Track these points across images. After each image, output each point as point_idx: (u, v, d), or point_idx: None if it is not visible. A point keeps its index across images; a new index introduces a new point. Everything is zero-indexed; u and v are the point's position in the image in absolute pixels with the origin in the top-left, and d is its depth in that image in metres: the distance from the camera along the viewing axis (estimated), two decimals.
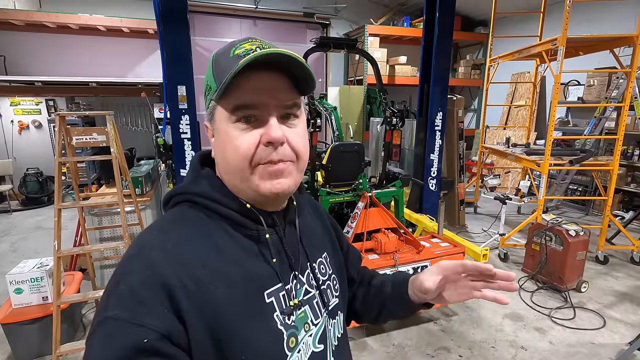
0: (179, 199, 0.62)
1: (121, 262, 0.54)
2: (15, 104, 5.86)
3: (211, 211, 0.59)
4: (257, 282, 0.58)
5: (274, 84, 0.56)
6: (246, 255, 0.58)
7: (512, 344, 2.57)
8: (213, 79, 0.57)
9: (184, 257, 0.53)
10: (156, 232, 0.57)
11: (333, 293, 0.72)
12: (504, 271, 0.65)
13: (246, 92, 0.55)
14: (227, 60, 0.56)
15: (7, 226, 4.96)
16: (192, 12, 6.43)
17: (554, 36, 3.43)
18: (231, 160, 0.57)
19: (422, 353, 2.47)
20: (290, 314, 0.60)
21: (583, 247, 3.16)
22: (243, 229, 0.60)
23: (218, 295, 0.52)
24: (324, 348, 0.66)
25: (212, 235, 0.57)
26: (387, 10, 7.31)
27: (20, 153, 5.98)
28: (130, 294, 0.48)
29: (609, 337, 2.64)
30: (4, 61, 5.46)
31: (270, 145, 0.55)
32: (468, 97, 8.12)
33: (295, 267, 0.64)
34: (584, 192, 5.57)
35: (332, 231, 0.82)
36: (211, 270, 0.53)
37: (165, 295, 0.48)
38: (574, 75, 5.13)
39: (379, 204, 2.74)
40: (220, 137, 0.58)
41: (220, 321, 0.51)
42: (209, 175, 0.63)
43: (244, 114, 0.56)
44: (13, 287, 2.36)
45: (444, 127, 4.38)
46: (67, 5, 5.54)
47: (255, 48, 0.56)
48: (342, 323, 0.75)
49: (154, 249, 0.53)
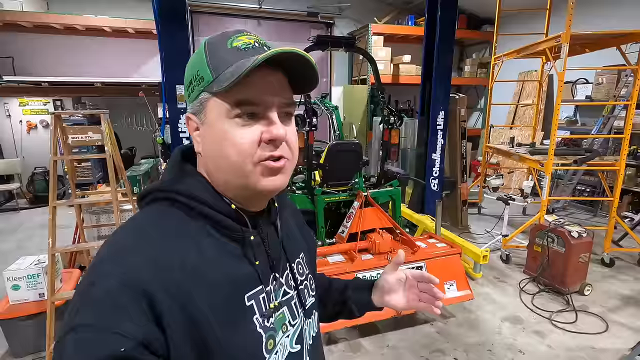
0: (157, 196, 0.59)
1: (95, 263, 0.50)
2: (24, 104, 5.98)
3: (194, 211, 0.57)
4: (238, 285, 0.57)
5: (277, 81, 0.56)
6: (228, 258, 0.57)
7: (509, 348, 2.51)
8: (208, 69, 0.55)
9: (164, 260, 0.50)
10: (132, 232, 0.55)
11: (310, 292, 0.73)
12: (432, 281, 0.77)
13: (251, 88, 0.53)
14: (224, 51, 0.55)
15: (14, 224, 5.06)
16: (196, 12, 6.49)
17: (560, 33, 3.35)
18: (229, 156, 0.55)
19: (417, 355, 2.43)
20: (270, 316, 0.60)
21: (586, 248, 3.08)
22: (227, 230, 0.58)
23: (198, 300, 0.50)
24: (301, 348, 0.66)
25: (193, 237, 0.55)
26: (391, 9, 7.26)
27: (29, 152, 6.10)
28: (106, 298, 0.45)
29: (610, 342, 2.56)
30: (13, 62, 5.59)
31: (271, 143, 0.55)
32: (474, 96, 8.01)
33: (276, 269, 0.64)
34: (592, 193, 5.44)
35: (307, 232, 0.83)
36: (192, 273, 0.51)
37: (144, 301, 0.46)
38: (578, 73, 5.01)
39: (374, 204, 2.71)
40: (215, 132, 0.56)
41: (200, 326, 0.50)
42: (193, 172, 0.61)
43: (247, 110, 0.54)
44: (10, 284, 2.40)
45: (446, 127, 4.33)
46: (73, 7, 5.63)
47: (253, 42, 0.56)
48: (317, 322, 0.76)
49: (132, 250, 0.51)
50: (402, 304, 0.80)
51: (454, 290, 2.57)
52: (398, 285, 0.80)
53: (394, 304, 0.80)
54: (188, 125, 0.61)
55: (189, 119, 0.60)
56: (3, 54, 5.54)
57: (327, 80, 7.59)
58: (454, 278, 2.58)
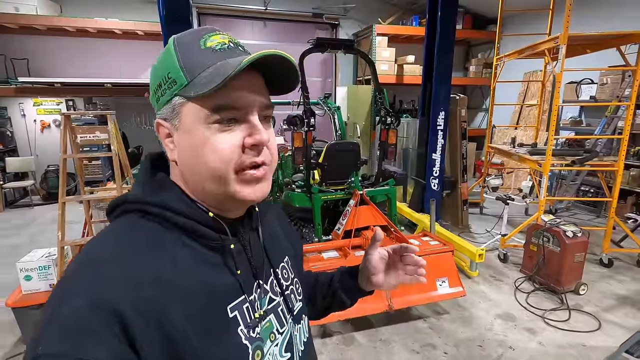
0: (127, 208, 0.55)
1: (62, 282, 0.47)
2: (38, 104, 6.20)
3: (168, 222, 0.54)
4: (219, 296, 0.54)
5: (257, 84, 0.54)
6: (207, 269, 0.54)
7: (500, 344, 2.57)
8: (180, 71, 0.51)
9: (137, 276, 0.47)
10: (102, 247, 0.51)
11: (297, 297, 0.71)
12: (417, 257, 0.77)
13: (231, 92, 0.51)
14: (198, 52, 0.52)
15: (28, 219, 5.27)
16: (203, 14, 6.63)
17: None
18: (209, 164, 0.52)
19: (408, 349, 2.50)
20: (255, 326, 0.58)
21: (581, 248, 3.10)
22: (204, 240, 0.55)
23: (175, 315, 0.48)
24: (291, 356, 0.64)
25: (168, 249, 0.52)
26: (396, 9, 7.30)
27: (42, 150, 6.32)
28: (75, 322, 0.42)
29: (602, 340, 2.59)
30: (28, 64, 5.80)
31: (254, 148, 0.53)
32: (480, 96, 8.01)
33: (259, 276, 0.61)
34: (597, 194, 5.41)
35: (291, 235, 0.81)
36: (168, 287, 0.49)
37: (117, 323, 0.43)
38: (581, 74, 5.01)
39: (369, 202, 2.78)
40: (193, 138, 0.53)
41: (178, 343, 0.47)
42: (164, 181, 0.58)
43: (228, 115, 0.52)
44: (23, 274, 2.54)
45: (446, 127, 4.37)
46: (86, 10, 5.82)
47: (228, 42, 0.54)
48: (307, 327, 0.73)
49: (102, 267, 0.47)
50: (389, 281, 0.79)
51: (446, 287, 2.63)
52: (382, 264, 0.79)
53: (381, 283, 0.79)
54: (158, 132, 0.57)
55: (159, 125, 0.56)
56: (19, 56, 5.76)
57: (331, 81, 7.67)
58: (446, 275, 2.65)
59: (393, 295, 2.51)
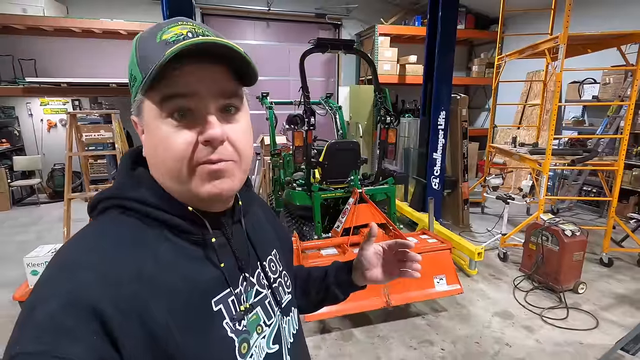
0: (107, 205, 0.55)
1: (37, 284, 0.46)
2: (45, 104, 6.30)
3: (149, 218, 0.53)
4: (202, 290, 0.54)
5: (209, 73, 0.51)
6: (190, 263, 0.54)
7: (497, 341, 2.59)
8: (137, 67, 0.51)
9: (117, 273, 0.47)
10: (82, 245, 0.50)
11: (285, 290, 0.71)
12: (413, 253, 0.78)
13: (177, 81, 0.49)
14: (153, 46, 0.50)
15: (34, 217, 5.36)
16: (207, 15, 6.70)
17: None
18: (165, 162, 0.52)
19: (405, 345, 2.54)
20: (241, 319, 0.58)
21: (580, 247, 3.11)
22: (186, 234, 0.55)
23: (158, 310, 0.47)
24: (279, 348, 0.64)
25: (149, 244, 0.52)
26: (398, 9, 7.32)
27: (49, 149, 6.42)
28: (50, 323, 0.41)
29: (599, 338, 2.61)
30: (35, 64, 5.90)
31: (208, 144, 0.51)
32: (482, 96, 8.00)
33: (244, 269, 0.61)
34: (599, 194, 5.40)
35: (279, 228, 0.81)
36: (149, 283, 0.48)
37: (96, 322, 0.42)
38: (582, 73, 5.00)
39: (368, 200, 2.82)
40: (151, 135, 0.52)
41: (162, 339, 0.47)
42: (143, 176, 0.56)
43: (176, 105, 0.50)
44: (30, 269, 2.61)
45: (447, 126, 4.39)
46: (92, 12, 5.91)
47: (186, 33, 0.50)
48: (296, 319, 0.74)
49: (80, 266, 0.46)
50: (382, 276, 0.80)
51: (444, 284, 2.66)
52: (377, 259, 0.80)
53: (375, 278, 0.80)
54: (137, 129, 0.56)
55: (134, 123, 0.56)
56: (26, 57, 5.86)
57: (334, 81, 7.71)
58: (444, 272, 2.68)
59: (391, 292, 2.55)
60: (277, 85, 7.12)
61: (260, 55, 7.12)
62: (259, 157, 6.40)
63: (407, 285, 2.59)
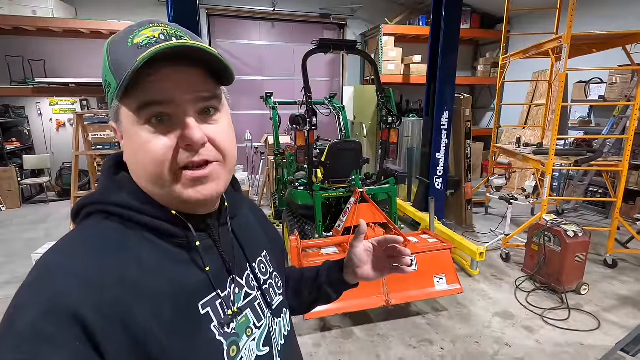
0: (90, 210, 0.54)
1: (19, 290, 0.45)
2: (54, 104, 6.41)
3: (131, 222, 0.53)
4: (188, 293, 0.53)
5: (185, 76, 0.50)
6: (175, 266, 0.54)
7: (497, 341, 2.59)
8: (111, 73, 0.50)
9: (100, 279, 0.46)
10: (63, 251, 0.50)
11: (276, 291, 0.70)
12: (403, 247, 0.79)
13: (153, 87, 0.48)
14: (124, 51, 0.50)
15: (43, 215, 5.47)
16: (212, 16, 6.76)
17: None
18: (146, 167, 0.51)
19: (405, 344, 2.55)
20: (230, 322, 0.57)
21: (582, 248, 3.10)
22: (170, 238, 0.54)
23: (141, 314, 0.47)
24: (270, 350, 0.64)
25: (132, 248, 0.51)
26: (403, 9, 7.31)
27: (58, 148, 6.53)
28: (31, 332, 0.41)
29: (600, 339, 2.60)
30: (44, 65, 6.01)
31: (189, 148, 0.51)
32: (488, 95, 7.96)
33: (232, 271, 0.61)
34: (605, 194, 5.34)
35: (269, 229, 0.81)
36: (132, 286, 0.48)
37: (77, 326, 0.42)
38: (587, 73, 4.96)
39: (369, 200, 2.84)
40: (130, 141, 0.52)
41: (146, 343, 0.46)
42: (125, 180, 0.56)
43: (153, 112, 0.49)
44: None
45: (450, 127, 4.39)
46: (100, 13, 6.01)
47: (158, 35, 0.50)
48: (288, 320, 0.73)
49: (62, 273, 0.46)
50: (374, 273, 0.80)
51: (444, 283, 2.67)
52: (367, 256, 0.80)
53: (366, 275, 0.80)
54: (116, 135, 0.56)
55: (113, 129, 0.56)
56: (36, 57, 5.98)
57: (339, 80, 7.72)
58: (444, 272, 2.68)
59: (390, 290, 2.57)
60: (282, 86, 7.16)
61: (266, 55, 7.17)
62: (263, 157, 6.45)
63: (406, 284, 2.61)
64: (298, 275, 0.90)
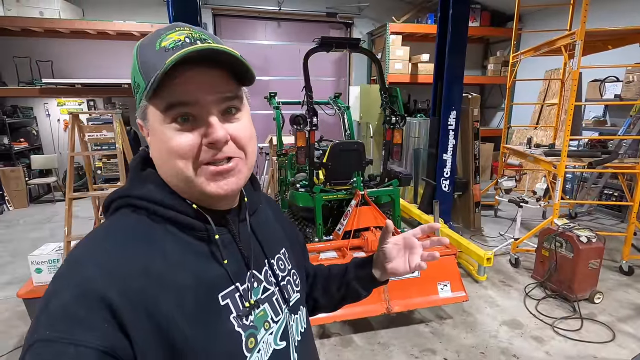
0: (119, 204, 0.58)
1: (51, 281, 0.50)
2: (61, 104, 6.47)
3: (156, 215, 0.56)
4: (209, 285, 0.56)
5: (209, 78, 0.53)
6: (196, 259, 0.56)
7: (504, 352, 2.47)
8: (140, 75, 0.54)
9: (124, 269, 0.50)
10: (92, 243, 0.54)
11: (294, 288, 0.72)
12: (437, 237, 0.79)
13: (178, 89, 0.52)
14: (152, 53, 0.53)
15: (49, 215, 5.51)
16: (218, 16, 6.74)
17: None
18: (171, 163, 0.54)
19: (407, 353, 2.45)
20: (248, 314, 0.59)
21: (596, 255, 2.94)
22: (192, 231, 0.57)
23: (166, 304, 0.50)
24: (286, 345, 0.65)
25: (157, 241, 0.54)
26: (410, 7, 7.18)
27: (65, 148, 6.57)
28: (63, 312, 0.45)
29: (614, 352, 2.46)
30: (52, 65, 6.07)
31: (212, 146, 0.54)
32: (498, 95, 7.76)
33: (251, 266, 0.63)
34: (621, 198, 5.14)
35: (288, 227, 0.83)
36: (157, 278, 0.51)
37: (105, 310, 0.46)
38: (603, 71, 4.77)
39: (370, 202, 2.74)
40: (157, 138, 0.55)
41: (170, 331, 0.49)
42: (151, 176, 0.59)
43: (179, 112, 0.53)
44: (34, 267, 2.65)
45: (457, 127, 4.26)
46: (106, 14, 6.03)
47: (184, 39, 0.53)
48: (305, 317, 0.75)
49: (88, 263, 0.50)
50: (404, 267, 0.80)
51: (448, 291, 2.56)
52: (397, 251, 0.80)
53: (395, 269, 0.80)
54: (142, 132, 0.60)
55: (140, 126, 0.59)
56: (43, 58, 6.03)
57: (345, 80, 7.63)
58: (448, 279, 2.57)
59: (392, 297, 2.47)
60: (288, 85, 7.09)
61: (272, 55, 7.11)
62: (267, 157, 6.39)
63: (409, 291, 2.51)
64: (326, 272, 0.91)
